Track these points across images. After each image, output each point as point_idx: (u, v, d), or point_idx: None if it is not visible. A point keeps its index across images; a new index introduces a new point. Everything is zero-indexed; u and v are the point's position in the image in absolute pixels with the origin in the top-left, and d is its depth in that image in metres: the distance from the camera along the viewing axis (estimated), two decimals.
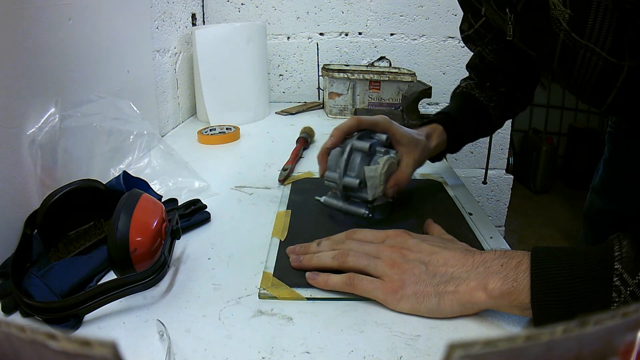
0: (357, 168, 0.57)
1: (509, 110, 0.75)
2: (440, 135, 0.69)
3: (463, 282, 0.41)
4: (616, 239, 0.38)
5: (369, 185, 0.57)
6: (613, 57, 0.45)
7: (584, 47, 0.46)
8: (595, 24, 0.43)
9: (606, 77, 0.48)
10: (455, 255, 0.44)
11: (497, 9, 0.56)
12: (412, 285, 0.43)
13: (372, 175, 0.56)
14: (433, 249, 0.45)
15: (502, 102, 0.73)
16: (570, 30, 0.46)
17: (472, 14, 0.68)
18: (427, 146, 0.65)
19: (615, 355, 0.16)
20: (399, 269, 0.44)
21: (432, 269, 0.44)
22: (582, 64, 0.49)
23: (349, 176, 0.58)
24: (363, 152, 0.57)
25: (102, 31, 0.76)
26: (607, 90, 0.50)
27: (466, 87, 0.75)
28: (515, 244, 2.32)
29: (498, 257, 0.42)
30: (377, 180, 0.56)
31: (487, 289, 0.40)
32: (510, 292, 0.39)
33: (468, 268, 0.42)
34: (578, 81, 0.52)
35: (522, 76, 0.73)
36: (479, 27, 0.68)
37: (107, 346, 0.13)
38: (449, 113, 0.72)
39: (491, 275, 0.40)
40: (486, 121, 0.73)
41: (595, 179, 0.78)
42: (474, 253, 0.44)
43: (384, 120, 0.60)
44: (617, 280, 0.36)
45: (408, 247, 0.46)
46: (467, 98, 0.74)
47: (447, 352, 0.14)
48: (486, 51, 0.72)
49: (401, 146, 0.61)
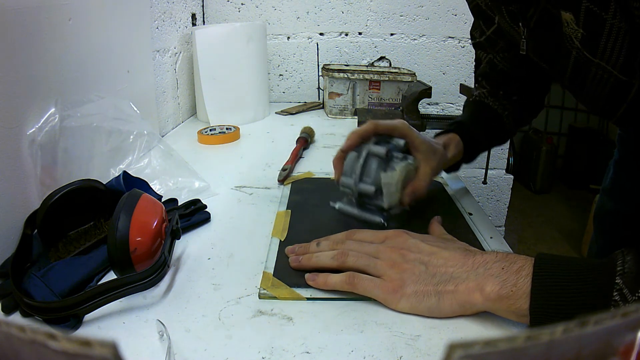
0: (374, 174, 0.55)
1: (522, 118, 0.74)
2: (457, 145, 0.68)
3: (462, 282, 0.41)
4: (620, 253, 0.38)
5: (385, 192, 0.54)
6: (624, 75, 0.46)
7: (596, 65, 0.47)
8: (608, 44, 0.43)
9: (617, 92, 0.48)
10: (455, 255, 0.44)
11: (510, 22, 0.56)
12: (412, 285, 0.43)
13: (388, 182, 0.54)
14: (432, 249, 0.45)
15: (515, 110, 0.72)
16: (582, 49, 0.46)
17: (483, 21, 0.67)
18: (444, 155, 0.64)
19: (615, 355, 0.16)
20: (398, 269, 0.44)
21: (432, 269, 0.44)
22: (594, 80, 0.49)
23: (365, 182, 0.55)
24: (380, 157, 0.55)
25: (102, 31, 0.76)
26: (617, 105, 0.50)
27: (479, 95, 0.74)
28: (515, 244, 2.32)
29: (499, 259, 0.41)
30: (394, 187, 0.54)
31: (485, 292, 0.40)
32: (509, 297, 0.39)
33: (468, 268, 0.42)
34: (589, 95, 0.52)
35: (534, 84, 0.72)
36: (491, 34, 0.67)
37: (107, 346, 0.13)
38: (464, 122, 0.71)
39: (490, 278, 0.40)
40: (500, 130, 0.73)
41: (606, 181, 0.77)
42: (475, 253, 0.44)
43: (403, 125, 0.58)
44: (617, 296, 0.35)
45: (407, 247, 0.46)
46: (480, 107, 0.73)
47: (447, 352, 0.14)
48: (497, 59, 0.72)
49: (419, 153, 0.59)
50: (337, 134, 1.06)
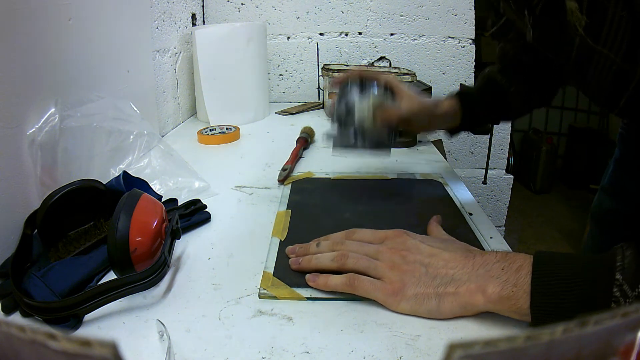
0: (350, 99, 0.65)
1: (530, 99, 0.75)
2: (452, 106, 0.71)
3: (463, 284, 0.41)
4: (620, 248, 0.38)
5: (357, 111, 0.64)
6: (627, 63, 0.46)
7: (599, 53, 0.47)
8: (610, 32, 0.44)
9: (620, 81, 0.49)
10: (455, 257, 0.44)
11: (515, 10, 0.56)
12: (413, 287, 0.43)
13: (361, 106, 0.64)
14: (433, 251, 0.45)
15: (523, 90, 0.73)
16: (585, 36, 0.47)
17: (494, 13, 0.69)
18: (431, 109, 0.69)
19: (615, 355, 0.16)
20: (398, 271, 0.44)
21: (433, 270, 0.44)
22: (597, 67, 0.49)
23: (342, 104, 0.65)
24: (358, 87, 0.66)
25: (102, 31, 0.76)
26: (620, 94, 0.51)
27: (489, 71, 0.76)
28: (516, 244, 2.32)
29: (499, 260, 0.41)
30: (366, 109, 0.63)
31: (486, 293, 0.40)
32: (509, 297, 0.39)
33: (468, 270, 0.42)
34: (593, 84, 0.52)
35: (544, 70, 0.73)
36: (502, 25, 0.69)
37: (107, 346, 0.13)
38: (466, 91, 0.73)
39: (491, 279, 0.40)
40: (503, 104, 0.74)
41: (605, 179, 0.77)
42: (475, 255, 0.44)
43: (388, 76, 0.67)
44: (617, 291, 0.35)
45: (407, 248, 0.46)
46: (487, 80, 0.75)
47: (447, 352, 0.14)
48: (508, 46, 0.73)
49: (400, 96, 0.66)
50: None
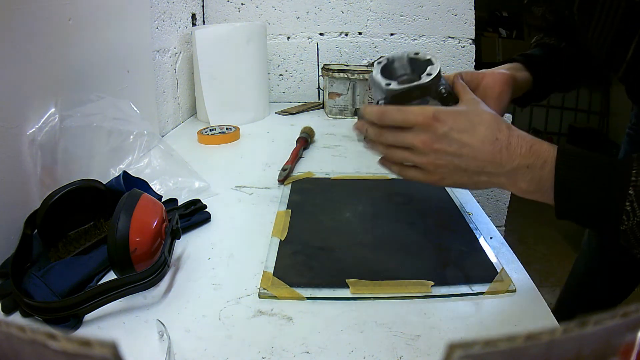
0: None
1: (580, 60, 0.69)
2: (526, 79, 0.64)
3: (494, 176, 0.45)
4: (636, 159, 0.40)
5: None
6: None
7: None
8: None
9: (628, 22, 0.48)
10: (484, 150, 0.45)
11: None
12: (449, 178, 0.48)
13: None
14: (462, 140, 0.45)
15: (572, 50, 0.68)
16: None
17: None
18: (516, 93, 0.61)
19: (615, 355, 0.16)
20: (434, 166, 0.47)
21: (465, 164, 0.46)
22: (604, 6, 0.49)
23: None
24: None
25: (102, 31, 0.76)
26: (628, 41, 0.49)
27: (535, 39, 0.72)
28: (516, 244, 2.32)
29: (525, 156, 0.44)
30: None
31: (515, 187, 0.45)
32: (536, 192, 0.44)
33: (496, 165, 0.45)
34: (598, 28, 0.51)
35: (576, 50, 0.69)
36: None
37: (107, 346, 0.13)
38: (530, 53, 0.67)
39: (518, 177, 0.44)
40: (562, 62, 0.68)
41: None
42: (501, 148, 0.45)
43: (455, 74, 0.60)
44: (629, 206, 0.39)
45: (439, 138, 0.46)
46: (538, 45, 0.70)
47: (447, 352, 0.14)
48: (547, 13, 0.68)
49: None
50: (337, 134, 1.06)
